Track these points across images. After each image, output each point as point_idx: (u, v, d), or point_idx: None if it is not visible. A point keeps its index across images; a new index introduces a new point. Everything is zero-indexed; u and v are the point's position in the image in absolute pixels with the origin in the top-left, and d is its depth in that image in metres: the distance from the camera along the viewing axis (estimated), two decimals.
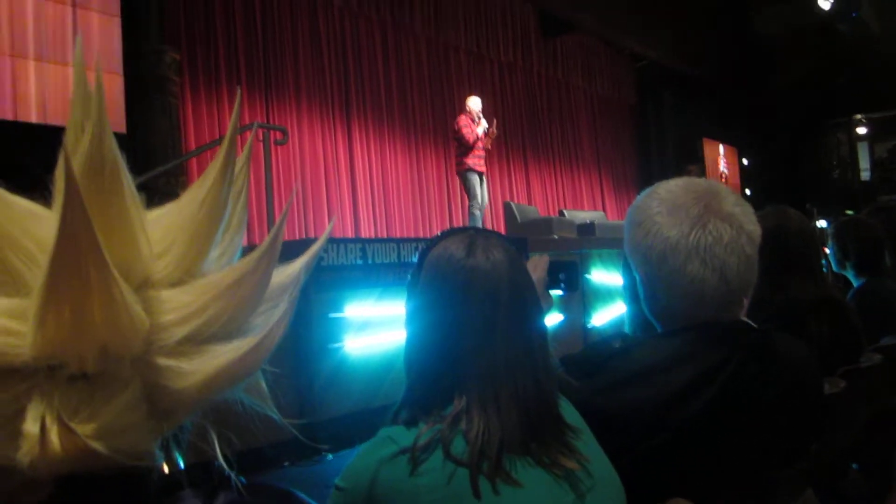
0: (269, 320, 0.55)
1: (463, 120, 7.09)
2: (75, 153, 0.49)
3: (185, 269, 0.53)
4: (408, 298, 1.06)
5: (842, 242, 2.85)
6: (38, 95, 4.95)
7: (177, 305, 0.51)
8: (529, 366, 0.99)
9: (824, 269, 3.16)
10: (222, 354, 0.51)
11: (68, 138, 0.52)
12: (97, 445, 0.46)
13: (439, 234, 1.09)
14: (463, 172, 7.10)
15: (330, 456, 3.05)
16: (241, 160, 0.61)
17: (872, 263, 2.79)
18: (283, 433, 0.64)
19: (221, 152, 0.55)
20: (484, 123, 7.07)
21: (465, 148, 6.98)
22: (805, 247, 2.01)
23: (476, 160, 7.07)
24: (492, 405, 0.93)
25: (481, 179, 7.15)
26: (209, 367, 0.50)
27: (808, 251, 2.02)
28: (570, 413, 1.04)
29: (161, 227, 0.54)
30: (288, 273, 0.59)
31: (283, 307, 0.53)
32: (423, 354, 1.00)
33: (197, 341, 0.51)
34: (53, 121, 4.85)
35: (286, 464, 3.01)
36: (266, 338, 0.51)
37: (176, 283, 0.53)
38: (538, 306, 1.06)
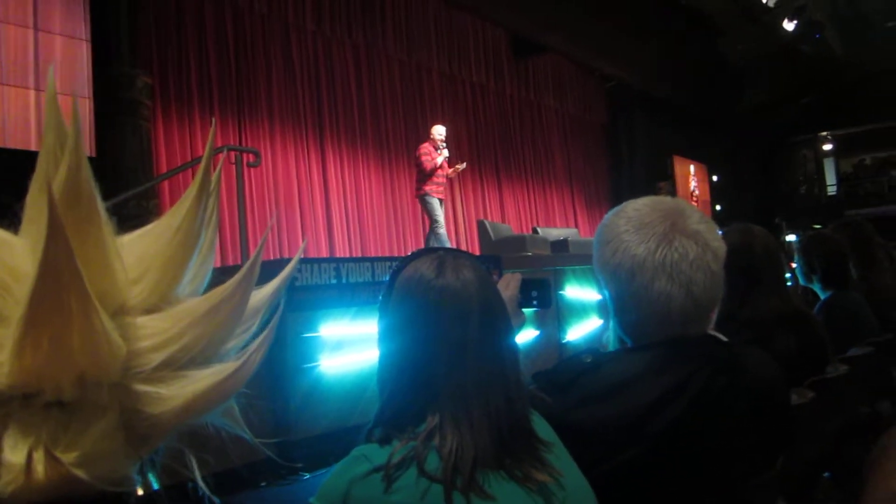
0: (246, 344, 0.55)
1: (424, 147, 7.20)
2: (52, 182, 0.49)
3: (160, 295, 0.53)
4: (379, 318, 1.07)
5: (808, 257, 2.91)
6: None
7: (153, 332, 0.51)
8: (501, 383, 1.00)
9: (790, 283, 3.23)
10: (201, 379, 0.51)
11: (41, 166, 0.52)
12: (80, 473, 0.45)
13: (409, 254, 1.10)
14: (422, 197, 7.21)
15: (306, 475, 3.03)
16: (211, 183, 0.62)
17: (838, 277, 2.85)
18: (258, 453, 0.64)
19: (196, 180, 0.56)
20: (445, 152, 7.18)
21: (424, 175, 7.11)
22: (769, 262, 2.05)
23: (434, 187, 7.18)
24: (465, 422, 0.94)
25: (441, 204, 7.28)
26: (187, 392, 0.50)
27: (772, 267, 2.05)
28: (542, 427, 1.05)
29: (135, 254, 0.54)
30: (260, 297, 0.59)
31: (263, 334, 0.53)
32: (396, 373, 1.01)
33: (174, 367, 0.51)
34: (13, 145, 4.80)
35: (263, 484, 2.98)
36: (246, 363, 0.52)
37: (151, 310, 0.53)
38: (508, 324, 1.07)
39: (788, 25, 11.86)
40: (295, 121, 8.00)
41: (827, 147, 19.74)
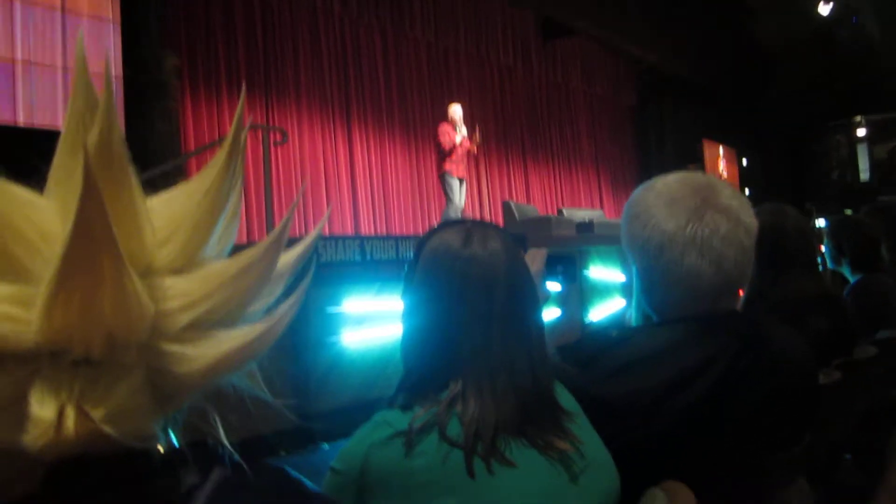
0: (270, 308, 0.56)
1: (443, 128, 7.30)
2: (86, 143, 0.49)
3: (188, 257, 0.54)
4: (404, 289, 1.07)
5: (837, 240, 2.88)
6: (31, 100, 4.97)
7: (181, 292, 0.51)
8: (525, 352, 1.00)
9: (820, 266, 3.18)
10: (227, 340, 0.51)
11: (69, 129, 0.52)
12: (108, 428, 0.46)
13: (436, 225, 1.10)
14: (442, 175, 7.31)
15: (326, 446, 3.07)
16: (240, 149, 0.63)
17: (868, 259, 2.81)
18: (280, 423, 0.65)
19: (226, 145, 0.56)
20: (463, 131, 7.25)
21: (443, 154, 7.22)
22: (802, 243, 2.02)
23: (454, 165, 7.25)
24: (487, 389, 0.95)
25: (461, 184, 7.33)
26: (213, 352, 0.51)
27: (805, 247, 2.03)
28: (565, 398, 1.05)
29: (164, 216, 0.55)
30: (284, 262, 0.59)
31: (292, 298, 0.54)
32: (421, 342, 1.02)
33: (201, 328, 0.51)
34: (41, 124, 4.86)
35: (283, 453, 3.02)
36: (273, 326, 0.53)
37: (179, 271, 0.53)
38: (535, 296, 1.07)
39: (824, 9, 11.62)
40: (322, 101, 8.02)
41: (861, 132, 19.34)
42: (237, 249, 0.58)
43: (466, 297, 0.99)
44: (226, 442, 0.56)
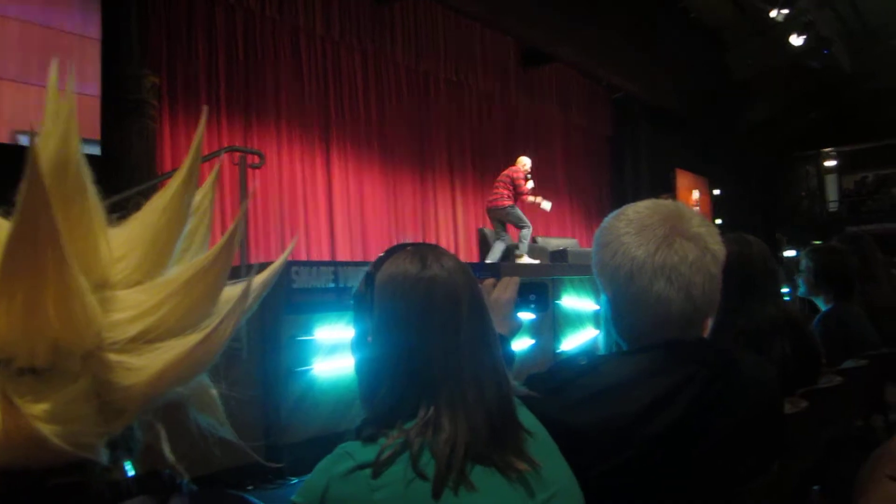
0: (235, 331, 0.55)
1: (519, 173, 8.23)
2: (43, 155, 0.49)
3: (145, 272, 0.54)
4: (358, 320, 1.07)
5: (814, 268, 2.91)
6: (13, 117, 4.93)
7: (132, 304, 0.51)
8: (492, 368, 1.01)
9: (789, 294, 3.23)
10: (169, 350, 0.51)
11: (36, 144, 0.54)
12: (42, 427, 0.45)
13: (383, 253, 1.09)
14: (508, 207, 8.02)
15: (294, 479, 3.02)
16: (209, 180, 0.64)
17: (842, 290, 2.85)
18: (245, 457, 0.64)
19: (185, 163, 0.57)
20: (531, 183, 8.25)
21: (517, 194, 8.07)
22: (765, 271, 2.06)
23: (519, 205, 8.16)
24: (461, 411, 0.95)
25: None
26: (157, 362, 0.50)
27: (768, 275, 2.06)
28: (525, 416, 1.05)
29: (123, 233, 0.55)
30: (237, 289, 0.58)
31: (230, 305, 0.52)
32: (387, 369, 1.00)
33: (148, 338, 0.51)
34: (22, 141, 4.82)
35: (249, 487, 2.96)
36: (211, 333, 0.51)
37: (135, 285, 0.53)
38: (488, 312, 1.08)
39: (796, 41, 11.87)
40: (302, 124, 8.02)
41: (830, 163, 19.73)
42: None
43: (434, 318, 0.99)
44: (177, 466, 0.55)
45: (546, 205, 8.43)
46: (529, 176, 8.30)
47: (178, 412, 0.57)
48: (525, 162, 8.46)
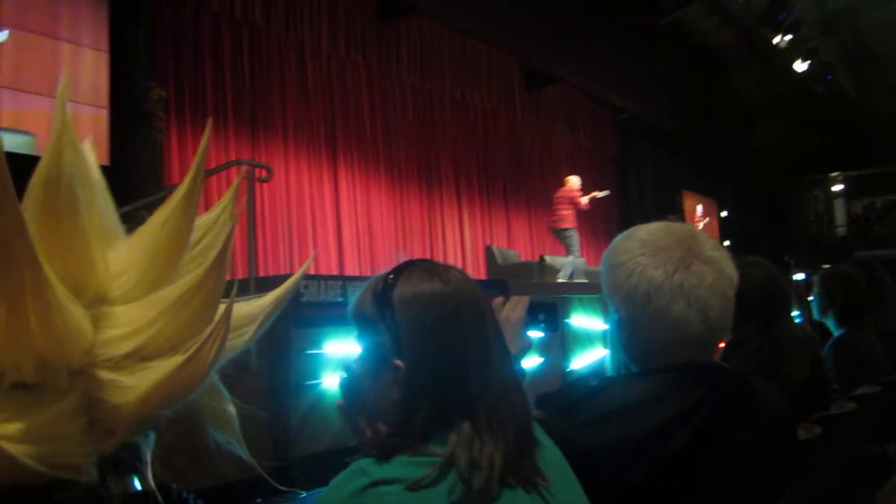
0: (234, 344, 0.55)
1: (576, 192, 8.98)
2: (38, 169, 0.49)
3: (145, 289, 0.53)
4: (370, 343, 1.03)
5: (828, 292, 2.90)
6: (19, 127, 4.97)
7: (126, 321, 0.51)
8: (515, 379, 1.02)
9: (802, 318, 3.21)
10: (159, 369, 0.49)
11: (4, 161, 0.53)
12: (10, 447, 0.44)
13: (387, 275, 1.05)
14: (569, 230, 8.55)
15: (303, 493, 3.00)
16: (227, 195, 0.62)
17: (855, 315, 2.84)
18: (255, 470, 0.63)
19: (188, 177, 0.56)
20: (585, 198, 9.02)
21: (577, 211, 8.75)
22: (775, 295, 2.04)
23: (571, 218, 8.76)
24: (495, 423, 0.94)
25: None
26: (147, 381, 0.49)
27: (778, 300, 2.04)
28: (538, 434, 1.04)
29: (124, 249, 0.55)
30: (259, 304, 0.59)
31: (213, 324, 0.50)
32: (426, 389, 0.97)
33: (140, 357, 0.50)
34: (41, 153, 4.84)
35: (259, 500, 2.95)
36: (198, 353, 0.50)
37: (132, 302, 0.52)
38: None
39: (800, 66, 11.93)
40: (308, 139, 8.06)
41: (837, 188, 19.76)
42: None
43: (465, 333, 0.99)
44: (170, 483, 0.54)
45: (601, 193, 9.47)
46: (582, 192, 9.07)
47: (194, 428, 0.56)
48: (575, 181, 9.20)
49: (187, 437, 0.55)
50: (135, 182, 5.68)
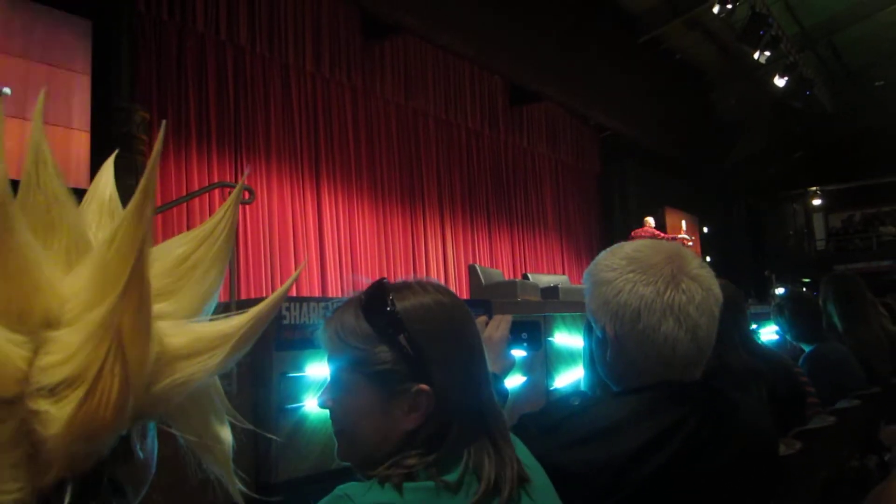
0: (203, 368, 0.51)
1: (650, 230, 10.03)
2: None
3: (92, 311, 0.49)
4: (379, 374, 0.93)
5: (783, 316, 3.02)
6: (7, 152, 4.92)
7: (64, 345, 0.47)
8: (499, 403, 1.02)
9: (779, 336, 3.25)
10: (73, 400, 0.46)
11: (21, 183, 0.51)
12: None
13: (371, 295, 1.00)
14: None
15: None
16: (224, 206, 0.60)
17: (811, 332, 2.93)
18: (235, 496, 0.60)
19: (140, 187, 0.52)
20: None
21: None
22: (732, 315, 2.01)
23: None
24: (505, 440, 0.94)
25: None
26: (65, 412, 0.46)
27: (734, 319, 2.02)
28: (522, 453, 1.04)
29: (79, 269, 0.52)
30: (235, 322, 0.54)
31: (114, 355, 0.46)
32: (450, 406, 0.93)
33: (71, 384, 0.46)
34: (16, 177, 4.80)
35: None
36: (97, 384, 0.46)
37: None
38: None
39: (779, 81, 12.09)
40: (292, 159, 8.05)
41: (816, 202, 20.00)
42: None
43: (474, 344, 0.97)
44: None
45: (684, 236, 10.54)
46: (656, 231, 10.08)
47: (185, 463, 0.54)
48: (650, 221, 10.39)
49: (177, 474, 0.54)
50: None
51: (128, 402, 0.47)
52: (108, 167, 0.61)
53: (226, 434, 0.57)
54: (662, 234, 9.89)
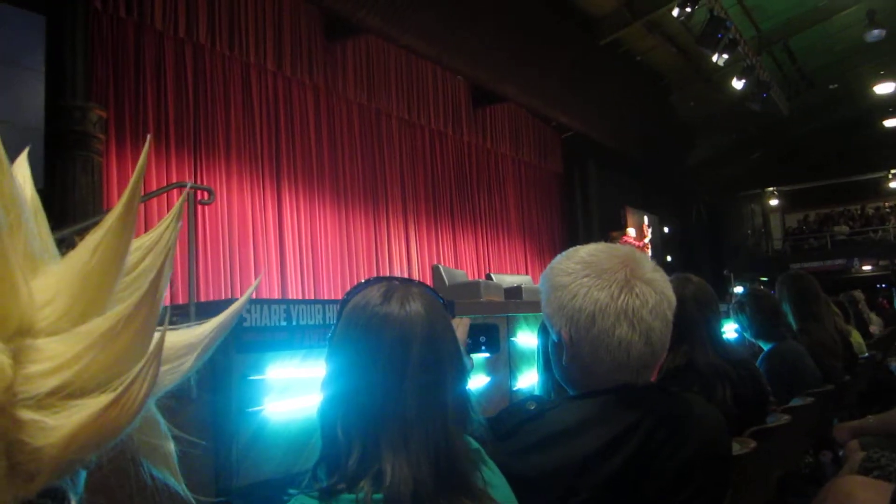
0: (170, 377, 0.51)
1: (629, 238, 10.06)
2: None
3: (74, 320, 0.49)
4: (328, 352, 1.04)
5: (744, 314, 3.04)
6: None
7: (51, 355, 0.46)
8: (441, 417, 0.98)
9: (738, 335, 3.30)
10: (84, 409, 0.46)
11: None
12: None
13: (362, 281, 1.08)
14: None
15: None
16: (169, 216, 0.59)
17: (770, 330, 2.96)
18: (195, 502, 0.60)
19: (123, 197, 0.52)
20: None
21: None
22: (700, 314, 2.03)
23: None
24: (402, 455, 0.93)
25: None
26: (69, 422, 0.45)
27: (703, 318, 2.04)
28: (489, 466, 1.04)
29: (52, 276, 0.50)
30: (198, 332, 0.55)
31: (143, 361, 0.47)
32: (337, 402, 0.98)
33: (65, 394, 0.46)
34: None
35: None
36: (127, 391, 0.46)
37: (59, 333, 0.48)
38: (456, 359, 1.04)
39: (737, 84, 12.31)
40: (252, 160, 7.96)
41: (773, 202, 20.44)
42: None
43: (380, 357, 0.97)
44: None
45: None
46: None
47: (129, 465, 0.53)
48: (631, 231, 10.78)
49: (121, 475, 0.53)
50: (72, 205, 5.53)
51: (144, 408, 0.47)
52: (23, 166, 0.59)
53: (168, 440, 0.56)
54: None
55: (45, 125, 5.50)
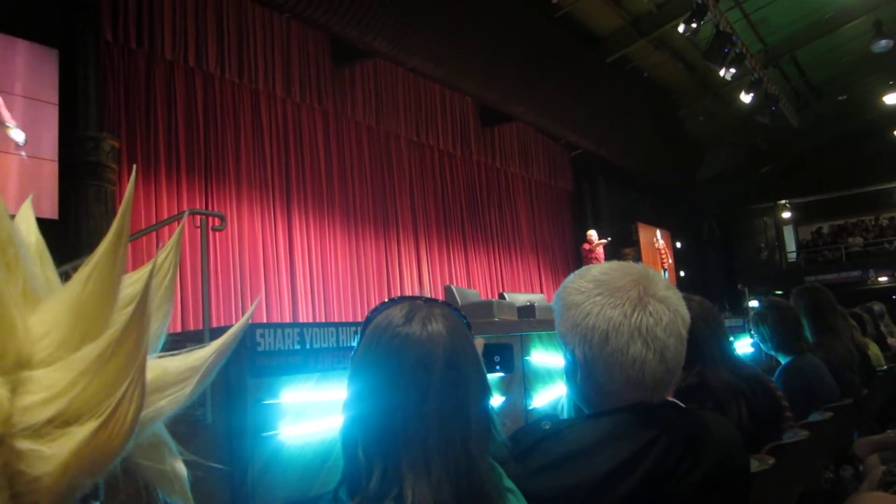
0: (172, 401, 0.52)
1: (589, 244, 10.81)
2: None
3: (70, 349, 0.50)
4: (350, 373, 1.04)
5: (765, 325, 2.97)
6: None
7: (47, 385, 0.47)
8: (460, 439, 0.97)
9: (754, 350, 3.26)
10: (75, 436, 0.46)
11: None
12: None
13: (385, 301, 1.08)
14: None
15: None
16: (169, 245, 0.60)
17: (792, 342, 2.90)
18: None
19: (113, 227, 0.52)
20: (600, 248, 10.71)
21: (591, 259, 10.11)
22: (709, 332, 2.01)
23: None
24: (423, 479, 0.92)
25: None
26: (65, 449, 0.46)
27: (712, 336, 2.02)
28: (510, 487, 1.03)
29: (48, 309, 0.51)
30: (199, 356, 0.55)
31: (128, 380, 0.47)
32: (359, 424, 0.98)
33: (62, 422, 0.46)
34: None
35: None
36: (114, 415, 0.46)
37: (56, 363, 0.49)
38: (480, 380, 1.04)
39: (745, 98, 12.31)
40: (262, 185, 8.02)
41: (786, 215, 20.32)
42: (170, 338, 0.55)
43: (401, 378, 0.97)
44: None
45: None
46: (595, 240, 10.78)
47: (142, 491, 0.53)
48: (591, 233, 11.07)
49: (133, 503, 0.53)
50: (86, 234, 5.58)
51: (135, 431, 0.48)
52: (27, 212, 0.60)
53: (179, 463, 0.57)
54: (593, 248, 10.56)
55: (59, 155, 5.57)
